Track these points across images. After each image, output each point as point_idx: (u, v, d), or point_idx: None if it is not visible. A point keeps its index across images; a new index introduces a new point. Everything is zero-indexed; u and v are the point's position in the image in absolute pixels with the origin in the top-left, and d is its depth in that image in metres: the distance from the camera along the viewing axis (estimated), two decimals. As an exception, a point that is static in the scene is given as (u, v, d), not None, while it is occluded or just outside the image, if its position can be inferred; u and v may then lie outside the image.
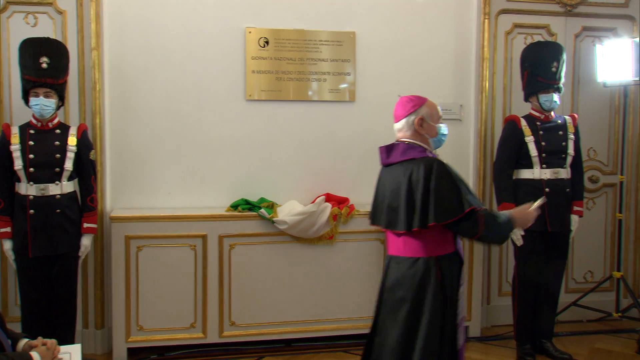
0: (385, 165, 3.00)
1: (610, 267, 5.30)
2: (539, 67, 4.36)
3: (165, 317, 4.30)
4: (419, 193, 2.75)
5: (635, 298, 4.95)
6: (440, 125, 2.99)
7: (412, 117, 2.91)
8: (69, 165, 3.83)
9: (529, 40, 4.96)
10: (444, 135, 3.02)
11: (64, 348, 2.76)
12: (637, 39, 4.75)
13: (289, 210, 4.50)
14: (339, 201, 4.65)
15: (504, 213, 2.89)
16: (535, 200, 3.10)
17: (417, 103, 2.94)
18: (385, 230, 2.99)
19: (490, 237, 2.83)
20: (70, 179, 3.86)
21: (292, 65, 4.68)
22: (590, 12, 5.14)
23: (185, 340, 4.36)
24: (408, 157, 2.86)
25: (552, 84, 4.35)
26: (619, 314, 5.10)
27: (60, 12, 4.25)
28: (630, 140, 5.23)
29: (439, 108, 3.01)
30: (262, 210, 4.43)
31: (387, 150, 2.98)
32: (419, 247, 2.83)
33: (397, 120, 2.97)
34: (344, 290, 4.57)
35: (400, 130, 2.96)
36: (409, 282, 2.83)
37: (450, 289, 2.84)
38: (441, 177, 2.75)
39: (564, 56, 4.40)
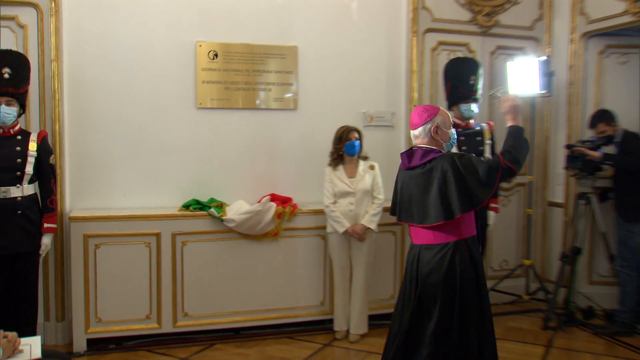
0: (407, 169, 3.12)
1: (522, 256, 5.72)
2: (460, 80, 4.71)
3: (122, 309, 4.42)
4: (452, 184, 2.90)
5: (542, 282, 5.46)
6: (452, 130, 3.15)
7: (428, 125, 3.06)
8: (29, 169, 3.88)
9: (452, 56, 5.29)
10: (454, 139, 3.17)
11: (24, 340, 2.82)
12: (542, 58, 5.17)
13: (236, 210, 4.67)
14: (283, 201, 4.84)
15: (509, 131, 3.08)
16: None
17: (431, 112, 3.09)
18: (414, 225, 3.10)
19: (523, 159, 2.97)
20: (30, 182, 3.92)
21: (240, 76, 4.91)
22: (503, 33, 5.56)
23: (141, 331, 4.49)
24: (428, 159, 3.01)
25: (470, 95, 4.71)
26: (529, 297, 5.58)
27: (21, 27, 4.34)
28: (538, 145, 5.68)
29: (450, 115, 3.19)
30: (212, 209, 4.59)
31: (408, 155, 3.12)
32: (449, 234, 2.98)
33: (415, 128, 3.12)
34: (288, 282, 4.78)
35: (417, 137, 3.12)
36: (449, 267, 2.96)
37: (481, 265, 3.05)
38: (464, 163, 2.90)
39: (481, 71, 4.79)
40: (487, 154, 4.70)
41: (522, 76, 5.26)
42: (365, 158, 4.66)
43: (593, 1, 5.22)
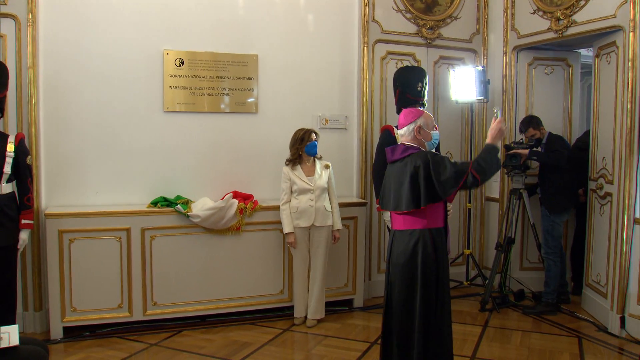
0: (391, 162, 3.39)
1: (463, 246, 6.14)
2: (408, 86, 4.94)
3: (96, 299, 4.59)
4: (422, 178, 3.15)
5: (479, 269, 5.91)
6: (434, 132, 3.38)
7: (412, 125, 3.32)
8: (7, 169, 3.99)
9: (400, 65, 5.65)
10: (436, 139, 3.40)
11: (3, 328, 2.93)
12: (479, 68, 5.66)
13: (201, 206, 4.87)
14: (244, 197, 5.06)
15: (486, 147, 3.24)
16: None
17: (416, 114, 3.35)
18: (392, 211, 3.36)
19: (490, 174, 3.19)
20: (9, 181, 4.04)
21: (204, 82, 5.16)
22: (445, 45, 5.97)
23: (113, 319, 4.66)
24: (408, 154, 3.27)
25: (417, 100, 4.92)
26: (468, 282, 6.03)
27: (0, 36, 4.46)
28: (477, 146, 6.10)
29: (432, 118, 3.43)
30: (178, 206, 4.79)
31: (392, 150, 3.38)
32: (415, 222, 3.24)
33: (401, 127, 3.38)
34: (250, 272, 5.01)
35: (403, 135, 3.37)
36: (411, 249, 3.23)
37: (442, 253, 3.29)
38: (436, 161, 3.15)
39: (427, 78, 5.05)
40: None
41: (462, 83, 5.69)
42: (319, 158, 4.97)
43: (522, 18, 5.70)
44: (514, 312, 5.29)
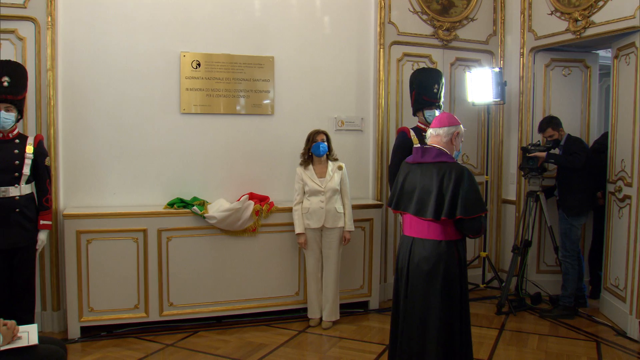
0: (417, 163, 3.24)
1: (479, 248, 6.06)
2: (424, 88, 4.94)
3: (113, 299, 4.60)
4: (449, 191, 3.06)
5: (496, 272, 5.83)
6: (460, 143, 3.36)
7: (453, 129, 3.25)
8: (26, 170, 4.04)
9: (415, 67, 5.61)
10: (460, 152, 3.41)
11: (22, 327, 2.99)
12: (495, 69, 5.58)
13: (217, 207, 4.87)
14: (260, 199, 5.05)
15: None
16: None
17: (457, 121, 3.31)
18: (407, 214, 3.24)
19: (480, 234, 3.20)
20: (28, 182, 4.08)
21: (221, 84, 5.16)
22: (461, 47, 5.92)
23: (130, 319, 4.67)
24: (440, 160, 3.16)
25: (434, 102, 4.94)
26: (484, 285, 5.96)
27: (20, 39, 4.52)
28: (493, 148, 6.06)
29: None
30: (195, 207, 4.79)
31: (422, 151, 3.25)
32: (443, 232, 3.14)
33: (442, 126, 3.25)
34: (266, 274, 5.00)
35: (438, 135, 3.25)
36: (435, 259, 3.13)
37: (465, 263, 3.24)
38: (471, 182, 3.09)
39: (443, 80, 5.06)
40: None
41: (479, 85, 5.63)
42: (335, 159, 4.93)
43: (540, 20, 5.64)
44: (530, 316, 5.23)
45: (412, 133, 4.93)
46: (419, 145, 3.32)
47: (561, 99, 5.76)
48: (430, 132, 3.30)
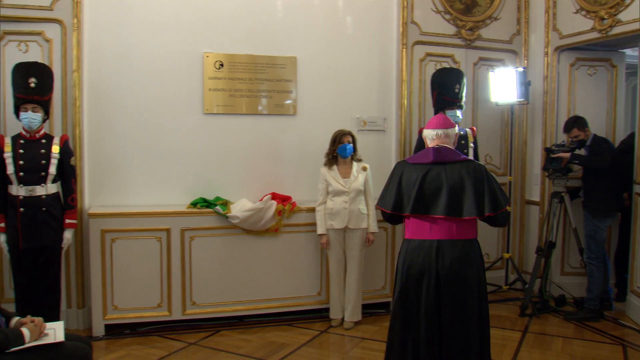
0: (436, 162, 3.10)
1: (502, 250, 6.00)
2: (445, 88, 4.92)
3: (136, 298, 4.63)
4: (487, 187, 3.03)
5: (519, 273, 5.75)
6: None
7: (454, 131, 3.25)
8: (53, 170, 4.09)
9: (438, 66, 5.57)
10: None
11: (49, 324, 3.05)
12: (519, 69, 5.51)
13: (240, 207, 4.87)
14: (283, 199, 5.04)
15: None
16: None
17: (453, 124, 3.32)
18: (424, 216, 3.08)
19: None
20: (54, 181, 4.13)
21: (243, 84, 5.17)
22: (484, 46, 5.86)
23: (153, 318, 4.70)
24: (464, 159, 3.14)
25: (455, 102, 4.92)
26: (507, 287, 5.87)
27: (47, 41, 4.58)
28: (517, 148, 5.99)
29: None
30: (218, 207, 4.79)
31: (441, 151, 3.13)
32: (471, 231, 3.12)
33: (447, 127, 3.20)
34: (288, 274, 4.99)
35: (448, 136, 3.19)
36: (470, 259, 3.06)
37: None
38: (492, 178, 3.10)
39: (465, 80, 5.04)
40: (471, 156, 4.93)
41: (502, 85, 5.57)
42: (359, 160, 4.91)
43: (564, 18, 5.55)
44: (554, 318, 5.15)
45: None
46: (444, 145, 3.18)
47: (586, 98, 5.66)
48: (437, 132, 3.19)
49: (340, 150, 4.79)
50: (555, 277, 5.67)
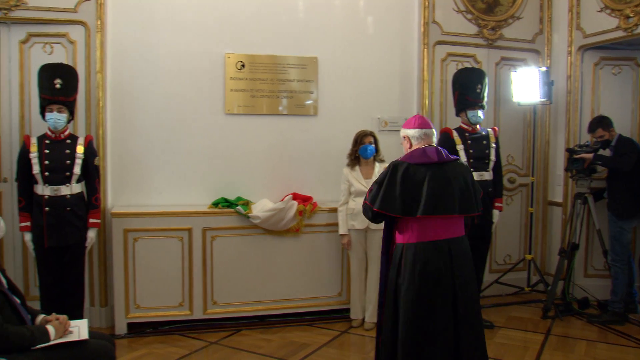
0: (438, 163, 3.08)
1: (524, 251, 5.93)
2: (467, 88, 4.87)
3: (158, 297, 4.67)
4: (475, 185, 3.19)
5: (541, 275, 5.67)
6: None
7: (434, 131, 3.31)
8: (77, 169, 4.15)
9: (460, 67, 5.50)
10: None
11: (73, 322, 3.08)
12: (542, 69, 5.44)
13: (261, 207, 4.89)
14: (304, 199, 5.03)
15: None
16: None
17: None
18: (435, 217, 3.03)
19: None
20: (78, 181, 4.19)
21: (264, 85, 5.18)
22: (506, 46, 5.79)
23: (174, 317, 4.73)
24: (455, 158, 3.21)
25: (477, 102, 4.86)
26: (529, 288, 5.79)
27: (71, 42, 4.65)
28: (539, 148, 5.91)
29: None
30: (239, 207, 4.82)
31: (438, 151, 3.14)
32: (463, 226, 3.21)
33: (430, 127, 3.25)
34: (308, 274, 4.99)
35: (429, 136, 3.22)
36: (470, 253, 3.18)
37: None
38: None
39: (487, 80, 4.97)
40: (493, 156, 4.88)
41: (525, 85, 5.50)
42: (382, 161, 4.88)
43: (588, 17, 5.46)
44: (577, 321, 5.07)
45: (454, 134, 4.87)
46: (433, 146, 3.21)
47: (611, 98, 5.56)
48: (425, 132, 3.21)
49: (361, 151, 4.77)
50: (579, 279, 5.58)
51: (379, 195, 3.09)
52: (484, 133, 4.96)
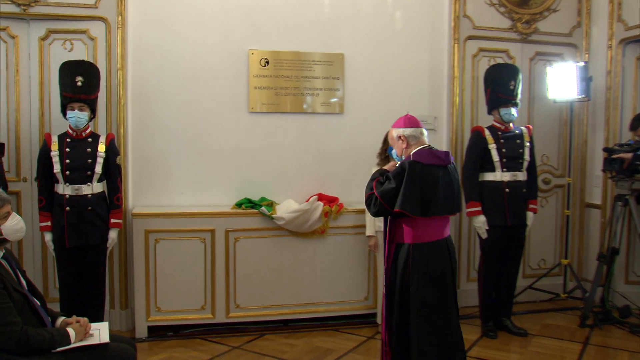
0: (443, 165, 3.23)
1: (559, 255, 5.79)
2: (499, 85, 4.75)
3: (180, 300, 4.65)
4: (459, 188, 3.35)
5: (579, 281, 5.50)
6: None
7: None
8: (98, 169, 4.14)
9: (492, 62, 5.40)
10: None
11: (94, 325, 3.07)
12: (580, 64, 5.29)
13: (286, 208, 4.85)
14: (329, 200, 4.99)
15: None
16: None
17: None
18: (438, 217, 3.21)
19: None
20: (99, 180, 4.18)
21: (289, 82, 5.14)
22: (542, 40, 5.65)
23: (196, 320, 4.71)
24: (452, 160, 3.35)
25: (510, 100, 4.74)
26: (566, 295, 5.64)
27: (92, 39, 4.66)
28: (576, 147, 5.76)
29: None
30: (263, 208, 4.78)
31: (446, 153, 3.30)
32: None
33: (417, 126, 3.34)
34: (334, 277, 4.93)
35: (425, 136, 3.35)
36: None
37: None
38: None
39: (520, 76, 4.84)
40: (527, 156, 4.77)
41: (561, 81, 5.36)
42: None
43: (631, 8, 5.30)
44: (618, 330, 4.90)
45: (486, 132, 4.76)
46: (428, 145, 3.33)
47: (654, 95, 5.40)
48: (420, 131, 3.34)
49: (390, 151, 4.66)
50: (619, 286, 5.40)
51: (400, 195, 3.13)
52: (517, 132, 4.85)
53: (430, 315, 3.17)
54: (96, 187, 4.17)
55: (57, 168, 4.07)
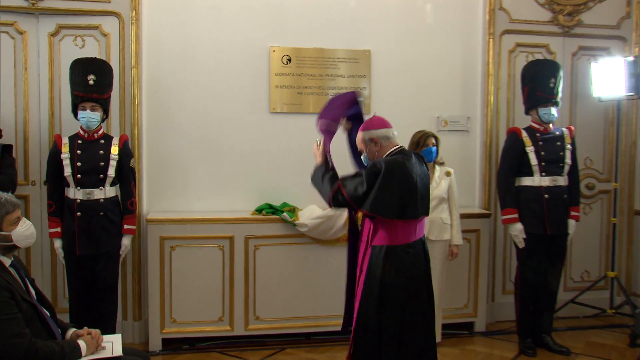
0: (419, 165, 3.26)
1: (605, 267, 5.54)
2: (538, 82, 4.59)
3: (196, 311, 4.55)
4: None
5: (627, 296, 5.21)
6: None
7: None
8: (111, 172, 4.06)
9: (530, 58, 5.21)
10: None
11: (106, 337, 3.00)
12: (629, 58, 5.03)
13: (309, 214, 4.73)
14: None
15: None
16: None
17: None
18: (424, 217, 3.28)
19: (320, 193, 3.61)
20: (112, 184, 4.10)
21: (312, 81, 5.02)
22: (585, 33, 5.43)
23: (214, 333, 4.61)
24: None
25: (550, 99, 4.56)
26: (613, 311, 5.33)
27: (104, 35, 4.59)
28: (624, 150, 5.51)
29: None
30: (285, 214, 4.67)
31: (416, 154, 3.35)
32: None
33: (390, 127, 3.33)
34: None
35: (396, 137, 3.33)
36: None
37: None
38: None
39: (561, 73, 4.65)
40: (568, 159, 4.57)
41: (608, 78, 5.14)
42: (441, 164, 4.62)
43: (686, -3, 5.04)
44: (672, 350, 4.63)
45: (524, 134, 4.59)
46: (401, 147, 3.29)
47: None
48: (392, 131, 3.31)
49: (425, 154, 4.47)
50: (673, 302, 5.14)
51: (370, 197, 3.08)
52: (557, 133, 4.64)
53: (409, 311, 3.16)
54: (109, 191, 4.09)
55: (67, 171, 3.99)
